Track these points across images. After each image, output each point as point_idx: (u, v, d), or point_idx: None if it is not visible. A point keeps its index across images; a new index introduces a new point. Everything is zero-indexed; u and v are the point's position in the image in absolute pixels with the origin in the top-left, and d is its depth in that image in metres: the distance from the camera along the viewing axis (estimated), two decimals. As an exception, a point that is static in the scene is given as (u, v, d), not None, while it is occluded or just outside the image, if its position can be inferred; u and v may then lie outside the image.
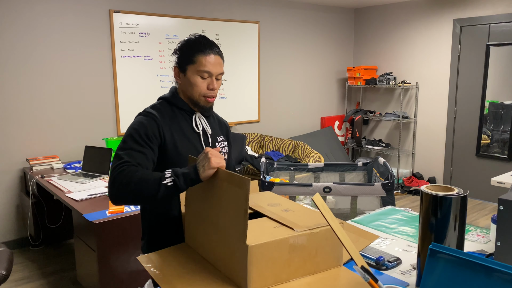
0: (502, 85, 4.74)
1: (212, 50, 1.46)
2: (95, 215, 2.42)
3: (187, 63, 1.46)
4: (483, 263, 0.86)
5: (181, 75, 1.50)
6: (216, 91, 1.50)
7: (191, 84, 1.47)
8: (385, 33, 5.79)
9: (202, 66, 1.44)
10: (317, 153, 4.65)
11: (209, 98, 1.49)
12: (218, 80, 1.50)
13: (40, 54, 3.72)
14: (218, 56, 1.48)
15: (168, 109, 1.51)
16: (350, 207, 2.94)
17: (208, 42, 1.48)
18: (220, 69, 1.48)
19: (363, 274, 0.99)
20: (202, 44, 1.46)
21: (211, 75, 1.46)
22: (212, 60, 1.45)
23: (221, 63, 1.48)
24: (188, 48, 1.47)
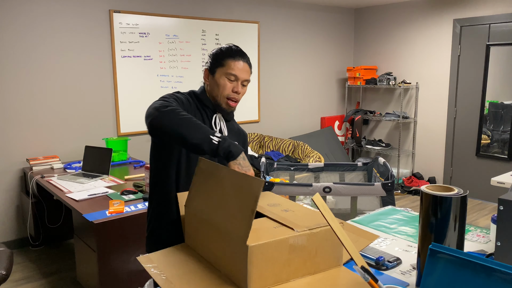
0: (502, 85, 4.74)
1: (242, 57, 1.57)
2: (95, 215, 2.42)
3: (217, 66, 1.57)
4: (483, 263, 0.86)
5: (209, 77, 1.60)
6: (239, 96, 1.58)
7: (218, 85, 1.56)
8: (385, 33, 5.79)
9: (230, 69, 1.54)
10: (317, 153, 4.65)
11: (231, 102, 1.57)
12: (244, 87, 1.59)
13: (40, 54, 3.72)
14: (247, 65, 1.58)
15: (193, 102, 1.60)
16: (350, 207, 2.94)
17: (240, 51, 1.59)
18: (246, 76, 1.57)
19: (363, 274, 0.99)
20: (233, 51, 1.57)
21: (237, 79, 1.56)
22: (240, 66, 1.55)
23: (248, 71, 1.58)
24: (220, 53, 1.58)
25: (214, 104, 1.60)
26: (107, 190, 2.89)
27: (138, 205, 2.58)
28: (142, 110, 4.35)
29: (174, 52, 4.49)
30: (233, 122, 1.72)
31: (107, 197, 2.77)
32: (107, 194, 2.83)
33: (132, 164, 3.81)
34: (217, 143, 1.34)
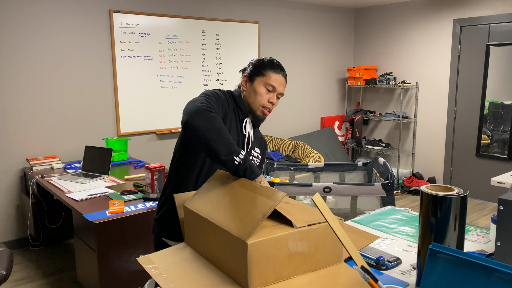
0: (502, 85, 4.74)
1: (282, 72, 1.66)
2: (95, 215, 2.42)
3: (257, 74, 1.64)
4: (483, 263, 0.86)
5: (247, 84, 1.67)
6: (273, 107, 1.66)
7: (255, 92, 1.63)
8: (385, 33, 5.79)
9: (270, 80, 1.63)
10: (317, 153, 4.65)
11: (266, 110, 1.65)
12: (277, 99, 1.67)
13: (40, 54, 3.72)
14: (284, 79, 1.67)
15: (231, 102, 1.66)
16: (350, 207, 2.94)
17: (280, 65, 1.68)
18: (282, 89, 1.67)
19: (363, 274, 0.99)
20: (275, 65, 1.65)
21: (274, 90, 1.64)
22: (279, 79, 1.64)
23: (284, 85, 1.68)
24: (263, 63, 1.66)
25: (248, 109, 1.67)
26: (107, 190, 2.89)
27: (138, 205, 2.58)
28: (142, 110, 4.35)
29: (174, 52, 4.49)
30: (258, 129, 1.80)
31: (107, 197, 2.77)
32: (107, 194, 2.83)
33: (132, 164, 3.81)
34: (237, 164, 1.36)
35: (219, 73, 4.87)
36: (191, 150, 1.61)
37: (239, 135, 1.66)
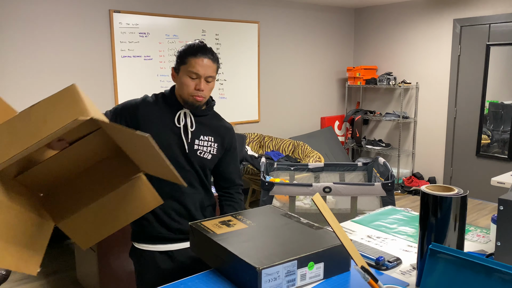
0: (502, 85, 4.74)
1: (204, 54, 1.56)
2: (95, 215, 2.42)
3: (181, 64, 1.59)
4: (483, 263, 0.86)
5: (175, 76, 1.63)
6: (204, 92, 1.59)
7: (182, 83, 1.59)
8: (385, 33, 5.79)
9: (191, 67, 1.55)
10: (317, 153, 4.65)
11: (197, 97, 1.58)
12: (209, 83, 1.59)
13: (40, 54, 3.72)
14: (210, 60, 1.57)
15: (160, 102, 1.66)
16: (350, 207, 2.94)
17: (202, 47, 1.58)
18: (209, 72, 1.57)
19: (363, 274, 0.99)
20: (195, 48, 1.57)
21: (199, 77, 1.56)
22: (201, 62, 1.55)
23: (211, 67, 1.58)
24: (183, 51, 1.59)
25: (183, 101, 1.63)
26: (107, 190, 2.89)
27: (138, 205, 2.58)
28: (142, 110, 4.35)
29: (174, 52, 4.49)
30: (212, 118, 1.72)
31: (107, 197, 2.77)
32: (107, 194, 2.82)
33: (132, 164, 3.81)
34: None
35: (219, 73, 4.86)
36: None
37: (175, 129, 1.63)
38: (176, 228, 1.67)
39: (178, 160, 1.63)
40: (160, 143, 1.58)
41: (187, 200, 1.67)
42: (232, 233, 1.31)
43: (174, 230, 1.67)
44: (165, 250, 1.67)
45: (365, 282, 1.14)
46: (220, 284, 1.20)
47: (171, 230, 1.67)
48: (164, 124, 1.63)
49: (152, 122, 1.62)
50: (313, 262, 1.17)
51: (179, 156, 1.63)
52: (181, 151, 1.64)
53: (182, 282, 1.22)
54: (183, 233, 1.69)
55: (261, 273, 1.08)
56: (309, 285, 1.17)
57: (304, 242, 1.23)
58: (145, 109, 1.64)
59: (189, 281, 1.23)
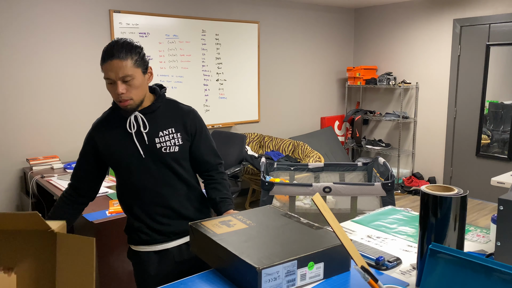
0: (502, 85, 4.74)
1: (110, 57, 1.47)
2: (95, 215, 2.42)
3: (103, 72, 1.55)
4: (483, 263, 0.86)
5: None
6: (127, 94, 1.50)
7: (109, 91, 1.57)
8: (385, 33, 5.79)
9: (105, 74, 1.50)
10: (317, 153, 4.65)
11: (122, 102, 1.51)
12: (128, 82, 1.49)
13: (40, 54, 3.72)
14: (118, 60, 1.46)
15: (111, 116, 1.65)
16: (350, 207, 2.94)
17: (109, 49, 1.48)
18: (122, 72, 1.47)
19: (363, 274, 0.99)
20: (104, 52, 1.49)
21: (113, 82, 1.49)
22: (109, 67, 1.47)
23: (122, 67, 1.46)
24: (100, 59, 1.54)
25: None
26: (107, 190, 2.89)
27: (138, 205, 2.58)
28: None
29: (174, 52, 4.49)
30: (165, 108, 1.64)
31: (107, 197, 2.77)
32: (107, 194, 2.83)
33: (132, 164, 3.81)
34: None
35: (219, 73, 4.87)
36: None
37: (130, 136, 1.59)
38: (169, 231, 1.65)
39: (144, 166, 1.60)
40: (123, 157, 1.59)
41: (170, 201, 1.63)
42: (232, 233, 1.31)
43: (167, 233, 1.65)
44: (162, 249, 1.67)
45: (365, 282, 1.14)
46: (220, 284, 1.20)
47: (163, 234, 1.65)
48: (120, 136, 1.60)
49: (109, 141, 1.61)
50: (313, 262, 1.17)
51: (143, 162, 1.60)
52: (147, 155, 1.59)
53: (182, 282, 1.22)
54: (177, 233, 1.67)
55: (261, 273, 1.08)
56: (309, 285, 1.17)
57: (304, 242, 1.24)
58: (99, 134, 1.62)
59: (189, 281, 1.23)
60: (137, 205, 1.64)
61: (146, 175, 1.61)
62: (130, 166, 1.60)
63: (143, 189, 1.62)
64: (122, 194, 1.69)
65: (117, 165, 1.62)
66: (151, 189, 1.62)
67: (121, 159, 1.60)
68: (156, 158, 1.60)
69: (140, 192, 1.63)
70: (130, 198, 1.65)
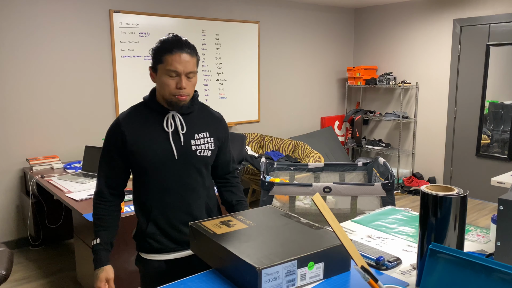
0: (502, 85, 4.74)
1: (180, 49, 1.45)
2: (95, 215, 2.42)
3: (158, 63, 1.48)
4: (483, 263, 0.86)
5: (154, 76, 1.52)
6: (187, 90, 1.48)
7: (162, 83, 1.48)
8: (385, 33, 5.79)
9: (169, 65, 1.44)
10: (317, 153, 4.65)
11: (180, 96, 1.48)
12: (190, 79, 1.48)
13: (40, 54, 3.72)
14: (187, 55, 1.46)
15: (143, 111, 1.56)
16: (350, 207, 2.94)
17: (177, 41, 1.46)
18: (189, 68, 1.46)
19: (363, 274, 0.99)
20: (170, 43, 1.45)
21: (178, 74, 1.45)
22: (179, 59, 1.44)
23: (190, 62, 1.46)
24: (159, 48, 1.48)
25: (165, 102, 1.52)
26: (107, 190, 2.89)
27: (138, 205, 2.58)
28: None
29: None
30: (199, 111, 1.62)
31: (107, 197, 2.77)
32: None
33: (132, 164, 3.81)
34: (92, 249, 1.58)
35: (219, 73, 4.87)
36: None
37: (165, 135, 1.53)
38: (183, 240, 1.59)
39: (175, 168, 1.54)
40: (156, 156, 1.51)
41: (192, 208, 1.58)
42: (232, 233, 1.31)
43: (181, 241, 1.59)
44: (173, 259, 1.61)
45: (365, 282, 1.14)
46: (220, 284, 1.20)
47: (177, 242, 1.59)
48: (154, 134, 1.53)
49: (140, 137, 1.52)
50: (313, 262, 1.17)
51: (175, 163, 1.54)
52: (180, 156, 1.54)
53: (182, 282, 1.22)
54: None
55: (261, 273, 1.08)
56: (309, 285, 1.17)
57: (304, 242, 1.24)
58: (128, 127, 1.52)
59: (189, 281, 1.23)
60: (157, 208, 1.55)
61: (174, 177, 1.54)
62: (160, 166, 1.52)
63: (168, 192, 1.55)
64: (141, 195, 1.58)
65: (145, 163, 1.52)
66: (176, 193, 1.55)
67: (152, 157, 1.51)
68: (188, 160, 1.55)
69: (164, 194, 1.55)
70: (151, 200, 1.56)
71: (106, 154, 1.56)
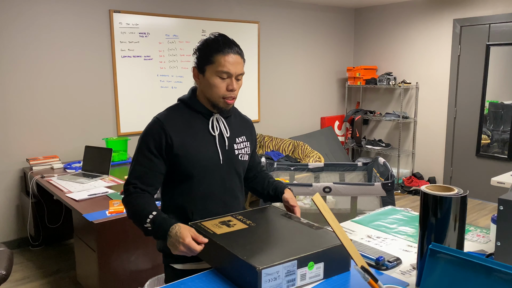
0: (502, 85, 4.74)
1: (231, 49, 1.41)
2: (95, 215, 2.42)
3: (206, 63, 1.42)
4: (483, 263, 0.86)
5: (200, 76, 1.46)
6: (236, 92, 1.45)
7: (210, 85, 1.42)
8: (385, 33, 5.79)
9: (221, 66, 1.39)
10: (317, 153, 4.65)
11: (229, 100, 1.44)
12: (239, 81, 1.45)
13: (40, 54, 3.72)
14: (238, 56, 1.43)
15: (184, 112, 1.48)
16: (350, 207, 2.94)
17: (228, 41, 1.43)
18: (240, 69, 1.43)
19: (363, 274, 0.99)
20: (221, 43, 1.41)
21: (230, 76, 1.41)
22: (231, 59, 1.40)
23: (241, 63, 1.43)
24: (207, 47, 1.43)
25: (210, 104, 1.47)
26: (107, 190, 2.89)
27: (138, 205, 2.57)
28: (142, 110, 4.35)
29: (174, 52, 4.49)
30: (234, 115, 1.60)
31: (107, 197, 2.77)
32: (107, 194, 2.83)
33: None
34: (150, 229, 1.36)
35: (219, 73, 4.87)
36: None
37: (210, 138, 1.48)
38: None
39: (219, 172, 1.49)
40: (204, 160, 1.45)
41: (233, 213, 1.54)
42: (232, 233, 1.31)
43: None
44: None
45: (365, 282, 1.14)
46: (220, 284, 1.20)
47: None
48: (197, 135, 1.45)
49: (186, 140, 1.43)
50: (313, 262, 1.17)
51: (220, 167, 1.48)
52: (225, 161, 1.49)
53: (182, 282, 1.22)
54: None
55: (261, 273, 1.08)
56: (309, 285, 1.17)
57: (304, 242, 1.24)
58: (173, 128, 1.43)
59: (189, 281, 1.23)
60: (199, 215, 1.47)
61: (218, 182, 1.49)
62: (207, 171, 1.46)
63: (212, 197, 1.49)
64: (179, 200, 1.48)
65: (192, 168, 1.44)
66: (219, 198, 1.50)
67: (198, 161, 1.44)
68: (232, 164, 1.51)
69: (207, 199, 1.48)
70: (193, 206, 1.47)
71: (146, 156, 1.42)
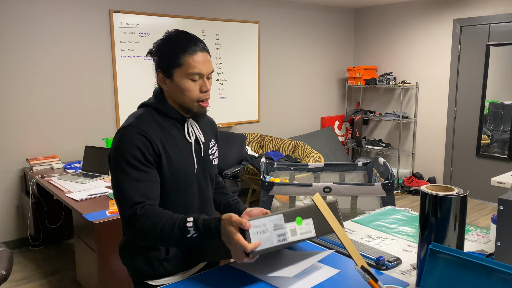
0: (502, 85, 4.74)
1: (197, 46, 1.26)
2: (95, 215, 2.42)
3: (172, 66, 1.26)
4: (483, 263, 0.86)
5: (167, 81, 1.30)
6: (209, 93, 1.33)
7: (181, 90, 1.28)
8: (385, 33, 5.79)
9: (191, 68, 1.25)
10: (317, 153, 4.65)
11: (203, 103, 1.32)
12: (209, 79, 1.32)
13: (40, 54, 3.72)
14: (206, 53, 1.29)
15: (157, 118, 1.32)
16: (350, 207, 2.94)
17: (191, 38, 1.27)
18: (210, 67, 1.30)
19: (363, 274, 0.99)
20: (185, 42, 1.26)
21: (202, 76, 1.29)
22: (200, 59, 1.26)
23: (210, 60, 1.30)
24: (170, 48, 1.26)
25: (182, 109, 1.33)
26: (107, 190, 2.89)
27: (138, 205, 2.57)
28: (142, 110, 4.35)
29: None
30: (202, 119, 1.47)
31: (107, 197, 2.77)
32: (107, 194, 2.83)
33: (132, 164, 3.80)
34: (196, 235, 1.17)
35: (219, 73, 4.87)
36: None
37: (187, 145, 1.35)
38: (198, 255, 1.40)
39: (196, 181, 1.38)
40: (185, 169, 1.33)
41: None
42: None
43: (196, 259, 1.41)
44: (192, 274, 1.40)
45: (365, 282, 1.14)
46: (220, 284, 1.20)
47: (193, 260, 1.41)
48: (176, 143, 1.32)
49: (167, 147, 1.30)
50: (301, 218, 1.20)
51: (195, 175, 1.38)
52: (199, 169, 1.39)
53: (182, 282, 1.22)
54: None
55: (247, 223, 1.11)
56: (302, 241, 1.20)
57: None
58: (153, 135, 1.27)
59: (189, 281, 1.23)
60: None
61: (196, 191, 1.39)
62: (187, 180, 1.34)
63: (192, 207, 1.38)
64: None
65: (175, 179, 1.31)
66: (198, 207, 1.40)
67: (178, 170, 1.31)
68: (206, 171, 1.41)
69: (188, 211, 1.36)
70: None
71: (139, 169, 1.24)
